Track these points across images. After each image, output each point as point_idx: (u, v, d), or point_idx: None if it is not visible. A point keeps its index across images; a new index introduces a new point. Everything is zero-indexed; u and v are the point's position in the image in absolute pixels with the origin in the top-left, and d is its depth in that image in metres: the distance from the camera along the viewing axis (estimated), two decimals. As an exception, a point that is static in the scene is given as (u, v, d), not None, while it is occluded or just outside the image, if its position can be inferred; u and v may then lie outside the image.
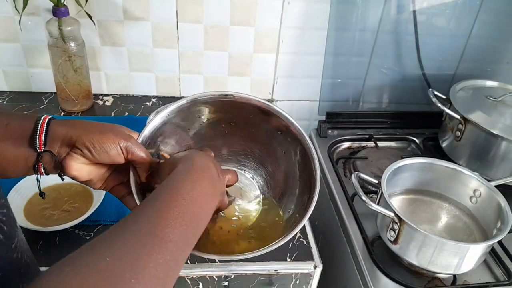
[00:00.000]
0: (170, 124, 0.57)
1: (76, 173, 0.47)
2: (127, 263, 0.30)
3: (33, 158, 0.45)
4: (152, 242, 0.33)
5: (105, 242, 0.32)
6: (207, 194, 0.43)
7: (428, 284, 0.72)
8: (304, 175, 0.59)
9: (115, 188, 0.52)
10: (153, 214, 0.36)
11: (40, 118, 0.45)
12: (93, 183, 0.50)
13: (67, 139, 0.46)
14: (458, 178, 0.80)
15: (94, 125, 0.48)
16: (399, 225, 0.68)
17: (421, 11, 1.04)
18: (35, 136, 0.44)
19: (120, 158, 0.47)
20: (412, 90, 1.15)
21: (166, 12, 0.99)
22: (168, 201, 0.38)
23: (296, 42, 1.07)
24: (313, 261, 0.71)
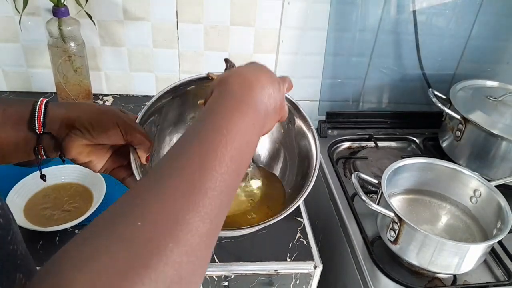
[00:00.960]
0: (167, 105, 0.57)
1: (76, 155, 0.47)
2: (164, 227, 0.26)
3: (33, 141, 0.45)
4: (190, 201, 0.28)
5: (133, 204, 0.27)
6: (250, 125, 0.35)
7: (428, 284, 0.72)
8: (303, 147, 0.60)
9: (115, 170, 0.52)
10: (188, 168, 0.30)
11: (37, 101, 0.45)
12: (93, 165, 0.50)
13: (66, 120, 0.46)
14: (458, 178, 0.80)
15: (92, 106, 0.48)
16: (399, 225, 0.68)
17: (421, 11, 1.04)
18: (33, 118, 0.45)
19: (119, 139, 0.48)
20: (412, 90, 1.15)
21: (166, 12, 0.99)
22: (204, 148, 0.31)
23: (296, 42, 1.07)
24: (313, 261, 0.71)
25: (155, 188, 0.28)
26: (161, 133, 0.60)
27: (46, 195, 0.74)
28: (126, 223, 0.26)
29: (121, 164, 0.52)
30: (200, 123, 0.34)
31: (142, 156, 0.50)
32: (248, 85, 0.38)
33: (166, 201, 0.27)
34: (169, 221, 0.26)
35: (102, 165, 0.51)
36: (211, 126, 0.33)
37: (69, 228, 0.70)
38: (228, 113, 0.34)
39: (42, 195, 0.74)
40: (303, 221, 0.78)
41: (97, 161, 0.50)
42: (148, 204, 0.27)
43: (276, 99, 0.42)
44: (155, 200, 0.27)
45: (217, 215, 0.29)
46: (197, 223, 0.27)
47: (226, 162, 0.31)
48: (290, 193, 0.61)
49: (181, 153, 0.31)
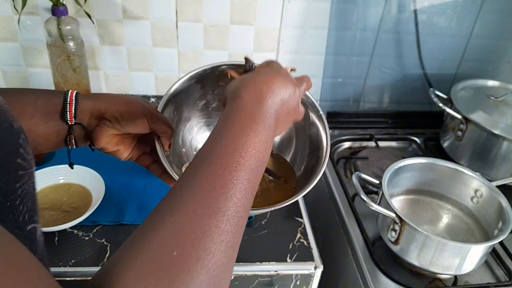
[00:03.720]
0: (184, 93, 0.60)
1: (105, 144, 0.49)
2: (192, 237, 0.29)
3: (64, 131, 0.48)
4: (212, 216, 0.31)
5: (165, 222, 0.30)
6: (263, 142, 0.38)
7: (429, 284, 0.72)
8: (313, 137, 0.62)
9: (140, 157, 0.55)
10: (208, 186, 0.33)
11: (67, 93, 0.48)
12: (120, 153, 0.52)
13: (96, 111, 0.49)
14: (459, 178, 0.80)
15: (119, 97, 0.51)
16: (400, 226, 0.68)
17: (422, 11, 1.03)
18: (65, 109, 0.47)
19: (145, 128, 0.50)
20: (413, 89, 1.15)
21: (165, 11, 0.99)
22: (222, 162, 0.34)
23: (296, 41, 1.06)
24: (313, 262, 0.71)
25: (176, 210, 0.31)
26: (179, 121, 0.63)
27: (45, 196, 0.74)
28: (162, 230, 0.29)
29: (144, 152, 0.55)
30: (217, 145, 0.36)
31: (165, 144, 0.52)
32: (260, 100, 0.40)
33: (187, 227, 0.30)
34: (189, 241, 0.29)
35: (128, 153, 0.53)
36: (229, 149, 0.35)
37: (68, 229, 0.69)
38: (243, 134, 0.37)
39: (41, 195, 0.74)
40: (304, 222, 0.78)
41: (124, 150, 0.52)
42: (170, 229, 0.30)
43: (289, 104, 0.44)
44: (178, 221, 0.30)
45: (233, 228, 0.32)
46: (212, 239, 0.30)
47: (244, 185, 0.34)
48: (300, 175, 0.63)
49: (200, 178, 0.33)
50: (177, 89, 0.58)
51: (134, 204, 0.76)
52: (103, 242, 0.69)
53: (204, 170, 0.33)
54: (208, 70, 0.59)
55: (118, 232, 0.71)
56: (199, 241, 0.29)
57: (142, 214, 0.74)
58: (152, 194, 0.79)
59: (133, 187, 0.79)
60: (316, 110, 0.62)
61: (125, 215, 0.73)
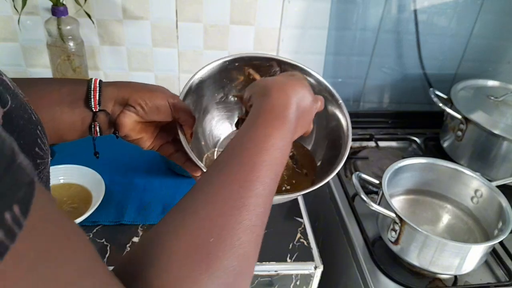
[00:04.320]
0: (206, 84, 0.60)
1: (129, 131, 0.50)
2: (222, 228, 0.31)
3: (89, 119, 0.48)
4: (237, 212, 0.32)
5: (196, 212, 0.32)
6: (286, 143, 0.40)
7: (429, 284, 0.72)
8: (332, 127, 0.63)
9: (162, 146, 0.55)
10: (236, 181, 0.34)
11: (91, 80, 0.48)
12: (143, 141, 0.53)
13: (120, 98, 0.49)
14: (459, 178, 0.80)
15: (143, 84, 0.51)
16: (400, 226, 0.68)
17: (422, 11, 1.03)
18: (89, 97, 0.47)
19: (168, 116, 0.50)
20: (413, 89, 1.15)
21: (165, 11, 0.99)
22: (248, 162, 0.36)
23: (296, 41, 1.06)
24: (313, 262, 0.71)
25: (209, 202, 0.32)
26: (198, 111, 0.63)
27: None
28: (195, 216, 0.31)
29: (166, 141, 0.56)
30: (246, 142, 0.37)
31: (187, 133, 0.53)
32: (287, 103, 0.41)
33: (220, 217, 0.31)
34: (217, 227, 0.31)
35: (151, 141, 0.54)
36: (258, 148, 0.37)
37: (68, 229, 0.69)
38: (270, 135, 0.38)
39: (41, 195, 0.74)
40: (304, 222, 0.78)
41: (146, 138, 0.53)
42: (200, 217, 0.31)
43: (307, 114, 0.46)
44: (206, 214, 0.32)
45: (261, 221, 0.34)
46: (243, 229, 0.31)
47: (268, 183, 0.35)
48: (319, 166, 0.63)
49: (231, 172, 0.35)
50: (197, 79, 0.58)
51: (134, 204, 0.76)
52: (103, 242, 0.69)
53: (235, 165, 0.35)
54: (228, 61, 0.60)
55: (118, 232, 0.71)
56: (232, 231, 0.31)
57: (142, 214, 0.74)
58: (152, 194, 0.79)
59: (133, 187, 0.79)
60: (336, 99, 0.62)
61: (125, 215, 0.73)
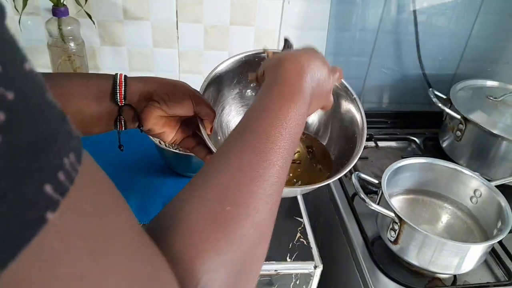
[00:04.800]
0: (224, 79, 0.62)
1: (152, 125, 0.51)
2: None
3: (114, 112, 0.49)
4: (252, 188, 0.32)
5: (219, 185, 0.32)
6: (301, 114, 0.39)
7: (429, 284, 0.72)
8: (347, 122, 0.64)
9: (183, 140, 0.57)
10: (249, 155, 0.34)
11: (116, 75, 0.49)
12: (166, 135, 0.54)
13: (144, 93, 0.50)
14: (458, 178, 0.80)
15: (165, 79, 0.52)
16: (399, 225, 0.68)
17: (421, 11, 1.04)
18: (115, 90, 0.48)
19: (190, 110, 0.52)
20: (412, 90, 1.15)
21: (166, 12, 0.99)
22: (264, 131, 0.35)
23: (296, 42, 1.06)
24: (313, 261, 0.71)
25: (224, 171, 0.32)
26: (216, 105, 0.64)
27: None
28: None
29: (188, 135, 0.57)
30: (261, 113, 0.37)
31: (207, 127, 0.54)
32: (301, 73, 0.41)
33: (236, 186, 0.31)
34: (241, 194, 0.31)
35: (173, 135, 0.55)
36: (272, 118, 0.36)
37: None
38: (285, 105, 0.37)
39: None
40: (303, 221, 0.78)
41: (169, 132, 0.54)
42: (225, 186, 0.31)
43: (323, 86, 0.45)
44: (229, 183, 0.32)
45: (276, 191, 0.34)
46: (259, 198, 0.32)
47: (284, 154, 0.35)
48: (333, 160, 0.64)
49: (245, 143, 0.34)
50: (216, 73, 0.59)
51: (135, 204, 0.76)
52: (103, 241, 0.69)
53: (248, 136, 0.35)
54: (248, 56, 0.61)
55: (119, 232, 0.71)
56: (248, 200, 0.31)
57: (143, 214, 0.74)
58: (153, 193, 0.79)
59: (134, 187, 0.80)
60: (350, 94, 0.63)
61: (125, 214, 0.73)
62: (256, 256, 0.32)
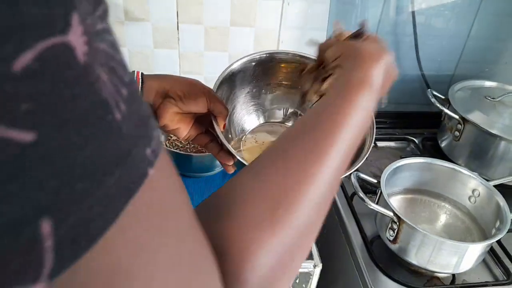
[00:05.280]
0: (237, 77, 0.62)
1: (168, 121, 0.52)
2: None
3: None
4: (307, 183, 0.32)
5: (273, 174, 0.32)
6: (369, 111, 0.39)
7: (427, 283, 0.72)
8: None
9: (197, 137, 0.58)
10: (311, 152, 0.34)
11: (133, 72, 0.50)
12: (180, 132, 0.55)
13: (161, 90, 0.51)
14: (457, 177, 0.80)
15: (182, 78, 0.54)
16: (398, 225, 0.68)
17: (420, 12, 1.04)
18: None
19: (204, 107, 0.53)
20: (411, 90, 1.16)
21: (166, 13, 1.00)
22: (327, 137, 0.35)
23: (295, 42, 1.07)
24: (312, 260, 0.71)
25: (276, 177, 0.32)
26: (229, 103, 0.65)
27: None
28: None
29: (201, 132, 0.58)
30: (333, 111, 0.36)
31: (221, 124, 0.55)
32: (378, 73, 0.43)
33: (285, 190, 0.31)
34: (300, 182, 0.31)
35: (187, 131, 0.56)
36: (340, 116, 0.36)
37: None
38: (358, 106, 0.37)
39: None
40: (303, 221, 0.79)
41: (183, 128, 0.55)
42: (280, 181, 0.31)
43: (388, 85, 0.48)
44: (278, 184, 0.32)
45: (328, 198, 0.35)
46: (311, 206, 0.32)
47: (341, 155, 0.34)
48: None
49: (307, 141, 0.34)
50: (230, 72, 0.60)
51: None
52: (105, 241, 0.69)
53: (308, 134, 0.34)
54: (261, 56, 0.61)
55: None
56: (300, 200, 0.31)
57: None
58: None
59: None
60: None
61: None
62: (300, 253, 0.32)
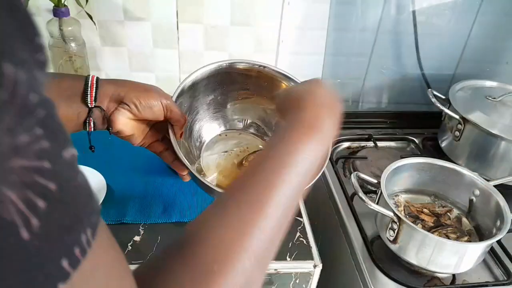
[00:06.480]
0: (199, 86, 0.62)
1: (122, 127, 0.51)
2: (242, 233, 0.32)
3: (84, 114, 0.49)
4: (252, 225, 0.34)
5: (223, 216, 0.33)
6: (318, 156, 0.38)
7: (428, 283, 0.72)
8: None
9: (152, 144, 0.57)
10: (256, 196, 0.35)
11: (88, 77, 0.50)
12: (135, 138, 0.54)
13: (115, 96, 0.50)
14: (457, 178, 0.80)
15: (138, 83, 0.53)
16: (399, 225, 0.68)
17: (421, 11, 1.04)
18: (86, 92, 0.49)
19: (161, 115, 0.53)
20: (411, 90, 1.16)
21: (166, 12, 0.99)
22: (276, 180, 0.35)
23: (296, 42, 1.07)
24: (312, 261, 0.71)
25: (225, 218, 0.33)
26: (189, 112, 0.65)
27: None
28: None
29: (157, 139, 0.57)
30: (282, 160, 0.36)
31: (177, 132, 0.55)
32: (323, 117, 0.40)
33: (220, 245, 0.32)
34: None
35: (142, 139, 0.55)
36: (298, 168, 0.36)
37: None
38: (309, 158, 0.37)
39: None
40: (303, 221, 0.79)
41: (138, 135, 0.54)
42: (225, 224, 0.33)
43: (336, 127, 0.45)
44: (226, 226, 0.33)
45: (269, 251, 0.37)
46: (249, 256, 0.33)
47: (284, 204, 0.35)
48: None
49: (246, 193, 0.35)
50: (191, 81, 0.60)
51: (136, 204, 0.76)
52: (104, 241, 0.69)
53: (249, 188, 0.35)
54: (222, 65, 0.62)
55: (120, 231, 0.71)
56: (238, 259, 0.31)
57: (144, 213, 0.75)
58: (153, 193, 0.80)
59: (134, 187, 0.80)
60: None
61: (126, 214, 0.74)
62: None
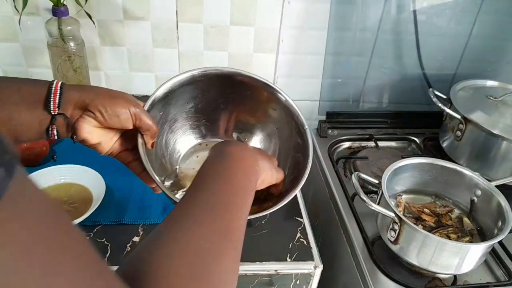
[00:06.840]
0: (174, 94, 0.61)
1: (87, 136, 0.49)
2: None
3: (47, 121, 0.47)
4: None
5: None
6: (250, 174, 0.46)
7: (429, 284, 0.72)
8: (297, 150, 0.64)
9: (121, 153, 0.55)
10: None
11: (52, 83, 0.47)
12: (101, 147, 0.52)
13: (80, 103, 0.48)
14: (458, 178, 0.80)
15: (105, 90, 0.50)
16: (400, 225, 0.68)
17: (422, 11, 1.04)
18: (49, 99, 0.46)
19: (129, 123, 0.50)
20: (412, 90, 1.15)
21: (166, 12, 0.99)
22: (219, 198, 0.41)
23: (296, 41, 1.06)
24: (313, 261, 0.71)
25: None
26: (165, 121, 0.63)
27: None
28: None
29: (126, 148, 0.55)
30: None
31: (148, 142, 0.53)
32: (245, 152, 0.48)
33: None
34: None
35: (110, 147, 0.53)
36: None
37: (68, 228, 0.70)
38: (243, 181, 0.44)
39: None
40: (303, 221, 0.78)
41: (105, 144, 0.52)
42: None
43: (265, 160, 0.53)
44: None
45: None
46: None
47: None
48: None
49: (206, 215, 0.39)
50: (166, 89, 0.58)
51: (135, 204, 0.76)
52: (103, 241, 0.69)
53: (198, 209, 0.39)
54: (197, 74, 0.60)
55: (119, 232, 0.71)
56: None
57: (143, 214, 0.74)
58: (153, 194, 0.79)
59: (134, 187, 0.80)
60: (301, 123, 0.64)
61: (125, 215, 0.74)
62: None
